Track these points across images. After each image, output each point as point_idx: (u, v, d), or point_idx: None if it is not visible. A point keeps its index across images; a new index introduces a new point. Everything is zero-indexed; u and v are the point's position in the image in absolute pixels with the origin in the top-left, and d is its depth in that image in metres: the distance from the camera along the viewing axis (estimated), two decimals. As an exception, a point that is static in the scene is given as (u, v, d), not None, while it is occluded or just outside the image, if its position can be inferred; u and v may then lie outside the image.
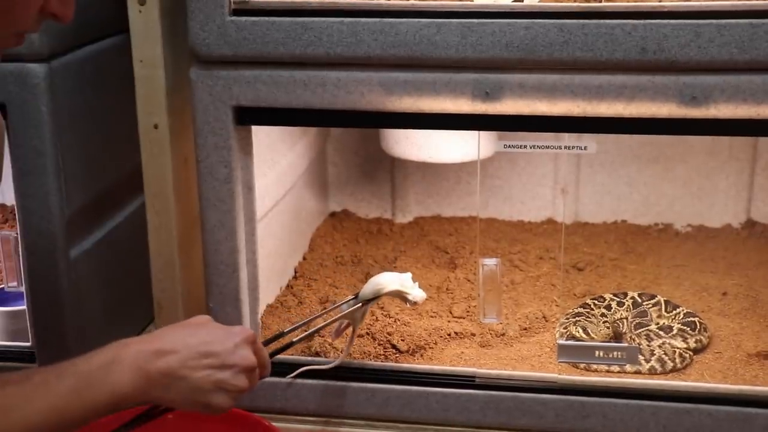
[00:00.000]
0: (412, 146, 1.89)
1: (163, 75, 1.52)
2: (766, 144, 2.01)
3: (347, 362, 1.52)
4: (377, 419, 1.51)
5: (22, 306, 1.63)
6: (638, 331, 1.59)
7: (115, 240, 1.73)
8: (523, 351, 1.58)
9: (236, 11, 1.39)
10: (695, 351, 1.57)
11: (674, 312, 1.66)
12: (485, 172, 2.11)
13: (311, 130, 2.02)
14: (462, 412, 1.48)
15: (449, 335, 1.62)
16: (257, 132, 1.53)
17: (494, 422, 1.48)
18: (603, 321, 1.63)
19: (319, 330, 1.45)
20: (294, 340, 1.39)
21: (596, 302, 1.69)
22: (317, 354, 1.55)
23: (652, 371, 1.51)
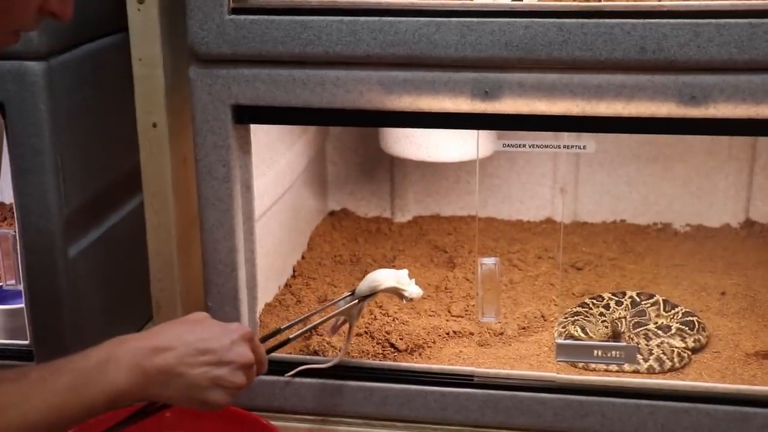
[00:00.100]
0: (412, 145, 1.88)
1: (162, 74, 1.52)
2: (765, 144, 2.01)
3: (345, 361, 1.52)
4: (375, 418, 1.51)
5: (21, 304, 1.63)
6: (637, 331, 1.59)
7: (114, 239, 1.73)
8: (522, 350, 1.58)
9: (235, 10, 1.39)
10: (693, 350, 1.57)
11: (673, 311, 1.66)
12: (484, 172, 2.11)
13: (310, 129, 2.02)
14: (460, 411, 1.48)
15: (448, 334, 1.62)
16: (256, 131, 1.53)
17: (492, 421, 1.48)
18: (601, 320, 1.63)
19: (316, 326, 1.45)
20: (291, 337, 1.39)
21: (595, 301, 1.69)
22: (316, 353, 1.55)
23: (651, 370, 1.51)
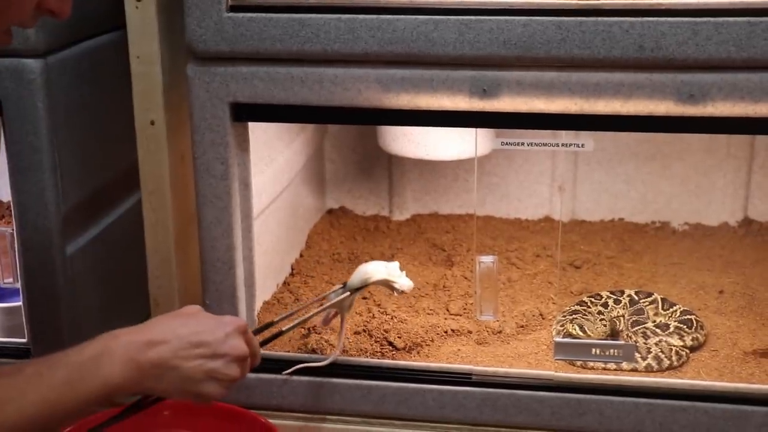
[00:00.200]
0: (410, 143, 1.88)
1: (160, 71, 1.52)
2: (764, 142, 2.01)
3: (343, 359, 1.52)
4: (373, 416, 1.51)
5: (18, 302, 1.63)
6: (635, 329, 1.59)
7: (112, 237, 1.73)
8: (520, 348, 1.58)
9: (233, 7, 1.39)
10: (692, 349, 1.57)
11: (671, 310, 1.66)
12: (482, 170, 2.11)
13: (308, 127, 2.02)
14: (458, 410, 1.48)
15: (446, 332, 1.62)
16: (254, 129, 1.53)
17: (491, 420, 1.48)
18: (600, 319, 1.63)
19: (308, 319, 1.44)
20: (284, 329, 1.39)
21: (593, 300, 1.69)
22: (313, 351, 1.55)
23: (649, 369, 1.51)
